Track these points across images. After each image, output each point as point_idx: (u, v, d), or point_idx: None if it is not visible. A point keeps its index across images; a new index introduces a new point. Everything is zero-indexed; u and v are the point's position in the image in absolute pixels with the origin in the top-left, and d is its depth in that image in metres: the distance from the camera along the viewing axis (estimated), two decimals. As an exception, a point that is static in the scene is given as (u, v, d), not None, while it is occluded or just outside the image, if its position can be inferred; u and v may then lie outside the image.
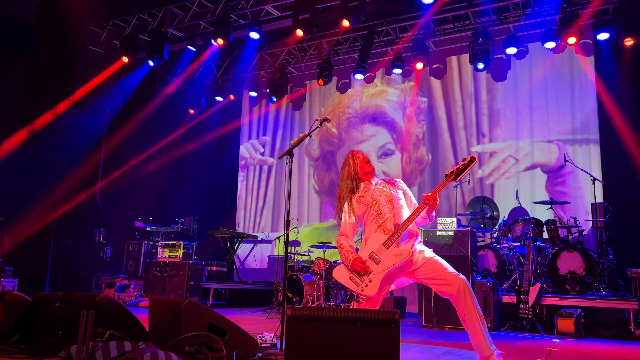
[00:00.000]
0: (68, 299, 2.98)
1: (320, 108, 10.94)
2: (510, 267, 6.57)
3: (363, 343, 2.49)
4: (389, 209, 3.39)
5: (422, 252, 3.31)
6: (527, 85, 8.91)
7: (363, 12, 7.86)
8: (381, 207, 3.41)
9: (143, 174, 10.32)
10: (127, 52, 9.39)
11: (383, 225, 3.33)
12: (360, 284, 3.20)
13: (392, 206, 3.39)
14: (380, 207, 3.41)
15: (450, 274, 3.17)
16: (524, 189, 8.52)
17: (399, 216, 3.33)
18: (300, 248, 9.51)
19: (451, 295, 3.18)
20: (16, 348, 2.99)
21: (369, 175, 3.58)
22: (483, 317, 3.17)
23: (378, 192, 3.49)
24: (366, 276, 3.20)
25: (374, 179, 3.59)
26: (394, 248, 3.21)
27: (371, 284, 3.18)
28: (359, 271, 3.21)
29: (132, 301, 7.87)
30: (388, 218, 3.35)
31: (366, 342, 2.49)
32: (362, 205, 3.44)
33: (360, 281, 3.21)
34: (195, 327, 2.86)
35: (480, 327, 3.12)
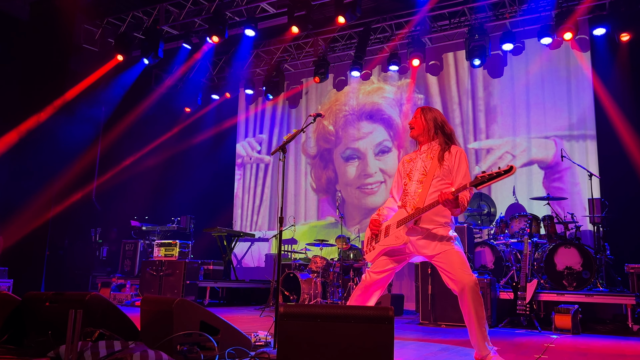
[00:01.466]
0: (58, 298, 2.94)
1: (316, 105, 10.90)
2: (508, 264, 6.54)
3: (357, 340, 2.45)
4: (417, 187, 3.19)
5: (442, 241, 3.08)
6: (523, 81, 8.88)
7: (359, 9, 7.83)
8: (410, 183, 3.24)
9: (139, 173, 10.26)
10: (122, 50, 9.33)
11: (405, 203, 3.23)
12: (368, 245, 3.34)
13: (421, 185, 3.16)
14: (410, 183, 3.24)
15: (459, 272, 3.02)
16: (521, 185, 8.50)
17: (423, 199, 3.12)
18: (297, 246, 9.48)
19: (455, 292, 3.10)
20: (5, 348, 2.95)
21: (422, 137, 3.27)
22: (484, 318, 3.05)
23: (421, 163, 3.25)
24: (374, 242, 3.29)
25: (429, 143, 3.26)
26: (401, 229, 3.16)
27: (373, 251, 3.28)
28: (371, 231, 3.33)
29: (128, 300, 7.83)
30: (412, 197, 3.18)
31: (360, 339, 2.45)
32: (399, 174, 3.37)
33: (369, 243, 3.34)
34: (187, 326, 2.83)
35: (477, 329, 3.03)
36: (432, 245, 3.11)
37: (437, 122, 3.27)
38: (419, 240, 3.14)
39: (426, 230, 3.12)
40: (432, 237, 3.11)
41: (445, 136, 3.24)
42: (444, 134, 3.25)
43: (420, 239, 3.14)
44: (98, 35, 9.75)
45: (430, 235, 3.12)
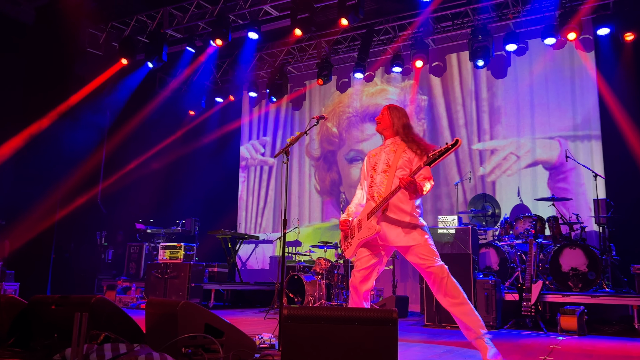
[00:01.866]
0: (63, 301, 2.96)
1: (320, 107, 10.92)
2: (512, 265, 6.53)
3: (361, 342, 2.46)
4: (382, 178, 3.43)
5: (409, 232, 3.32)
6: (527, 81, 8.86)
7: (361, 11, 7.84)
8: (375, 175, 3.48)
9: (144, 176, 10.30)
10: (126, 54, 9.38)
11: (372, 195, 3.46)
12: (344, 244, 3.54)
13: (385, 175, 3.40)
14: (375, 175, 3.48)
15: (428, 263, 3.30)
16: (525, 186, 8.48)
17: (388, 189, 3.36)
18: (301, 248, 9.49)
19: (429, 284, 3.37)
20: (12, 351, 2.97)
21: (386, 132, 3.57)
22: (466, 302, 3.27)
23: (385, 156, 3.51)
24: (350, 239, 3.49)
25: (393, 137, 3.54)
26: (372, 220, 3.36)
27: (350, 248, 3.47)
28: (342, 231, 3.55)
29: (133, 303, 7.86)
30: (378, 187, 3.42)
31: (364, 341, 2.46)
32: (366, 168, 3.59)
33: (345, 242, 3.54)
34: (192, 329, 2.84)
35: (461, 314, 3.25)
36: (400, 235, 3.33)
37: (401, 119, 3.56)
38: (388, 230, 3.36)
39: (394, 220, 3.35)
40: (400, 226, 3.34)
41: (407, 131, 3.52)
42: (406, 129, 3.53)
43: (389, 228, 3.36)
44: (102, 40, 9.81)
45: (398, 223, 3.34)
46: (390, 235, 3.36)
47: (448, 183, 9.16)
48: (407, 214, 3.35)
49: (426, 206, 9.34)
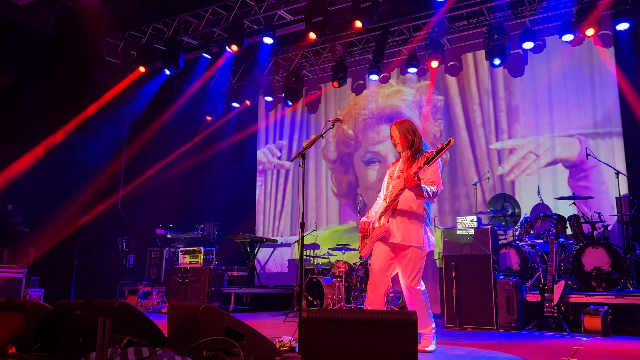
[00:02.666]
0: (87, 306, 3.01)
1: (335, 110, 10.93)
2: (534, 265, 6.44)
3: (380, 344, 2.46)
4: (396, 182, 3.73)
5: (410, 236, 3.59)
6: (545, 79, 8.75)
7: (375, 13, 7.84)
8: (391, 181, 3.80)
9: (163, 182, 10.44)
10: (144, 62, 9.52)
11: (386, 197, 3.80)
12: (361, 244, 3.83)
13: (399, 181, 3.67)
14: (391, 181, 3.80)
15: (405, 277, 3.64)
16: (545, 185, 8.37)
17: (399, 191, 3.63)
18: (319, 251, 9.50)
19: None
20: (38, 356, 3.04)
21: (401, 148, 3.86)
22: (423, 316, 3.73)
23: (401, 164, 3.82)
24: (366, 239, 3.78)
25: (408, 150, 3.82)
26: (382, 219, 3.66)
27: (366, 247, 3.75)
28: (360, 232, 3.84)
29: (154, 308, 7.95)
30: (392, 191, 3.74)
31: (384, 344, 2.45)
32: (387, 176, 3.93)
33: (363, 242, 3.82)
34: (213, 332, 2.87)
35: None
36: (403, 234, 3.60)
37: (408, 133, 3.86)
38: (395, 227, 3.63)
39: (401, 219, 3.62)
40: (405, 226, 3.61)
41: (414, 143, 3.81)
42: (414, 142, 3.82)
43: (395, 226, 3.63)
44: (120, 48, 9.96)
45: (404, 223, 3.61)
46: (394, 231, 3.64)
47: (466, 183, 9.08)
48: (413, 213, 3.62)
49: (444, 207, 9.29)
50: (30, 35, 9.24)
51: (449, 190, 9.27)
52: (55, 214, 8.44)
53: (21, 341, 3.19)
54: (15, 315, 3.20)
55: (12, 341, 3.24)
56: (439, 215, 9.28)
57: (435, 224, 8.85)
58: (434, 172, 3.64)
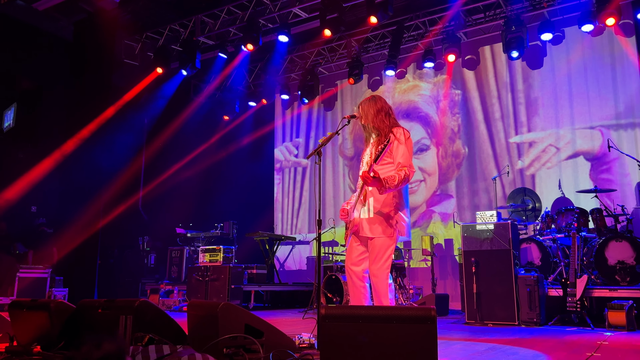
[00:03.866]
0: (109, 305, 3.06)
1: (352, 107, 10.90)
2: (555, 260, 6.34)
3: (399, 341, 2.44)
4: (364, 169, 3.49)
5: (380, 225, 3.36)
6: (565, 71, 8.61)
7: (390, 8, 7.79)
8: (362, 168, 3.53)
9: (182, 181, 10.55)
10: (161, 63, 9.62)
11: (357, 187, 3.54)
12: (346, 231, 3.58)
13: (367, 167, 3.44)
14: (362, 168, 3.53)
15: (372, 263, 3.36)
16: (566, 178, 8.24)
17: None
18: (338, 248, 9.49)
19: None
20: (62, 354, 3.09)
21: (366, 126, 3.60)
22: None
23: (370, 147, 3.57)
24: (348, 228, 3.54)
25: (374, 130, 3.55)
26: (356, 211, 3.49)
27: (347, 238, 3.54)
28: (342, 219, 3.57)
29: (176, 306, 8.04)
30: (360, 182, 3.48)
31: (403, 340, 2.44)
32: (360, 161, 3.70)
33: (346, 230, 3.58)
34: (232, 329, 2.89)
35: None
36: (372, 227, 3.38)
37: (370, 109, 3.54)
38: (365, 221, 3.42)
39: (371, 209, 3.41)
40: (375, 218, 3.37)
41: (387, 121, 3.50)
42: (376, 118, 3.50)
43: (366, 220, 3.42)
44: (138, 50, 10.08)
45: (373, 214, 3.38)
46: (363, 225, 3.44)
47: (485, 178, 8.99)
48: (383, 202, 3.38)
49: (463, 202, 9.20)
50: (50, 39, 9.40)
51: (467, 185, 9.18)
52: (78, 215, 8.59)
53: (46, 340, 3.26)
54: (39, 314, 3.26)
55: (37, 340, 3.31)
56: (457, 211, 9.20)
57: (454, 219, 8.77)
58: (403, 155, 3.35)
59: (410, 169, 3.33)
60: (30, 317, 3.34)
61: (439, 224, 9.43)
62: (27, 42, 9.05)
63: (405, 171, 3.28)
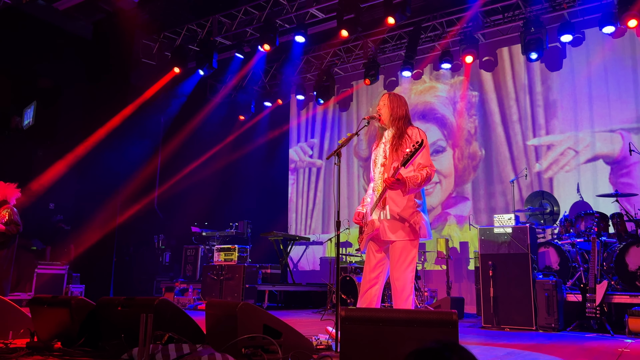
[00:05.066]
0: (129, 302, 3.08)
1: (367, 107, 10.87)
2: (574, 264, 6.26)
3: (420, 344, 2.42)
4: (380, 172, 3.45)
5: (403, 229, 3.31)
6: (585, 73, 8.49)
7: (408, 9, 7.76)
8: (376, 169, 3.50)
9: (198, 180, 10.60)
10: (178, 62, 9.68)
11: (374, 190, 3.49)
12: (360, 236, 3.55)
13: (383, 169, 3.41)
14: (375, 169, 3.50)
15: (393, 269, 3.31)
16: (585, 182, 8.13)
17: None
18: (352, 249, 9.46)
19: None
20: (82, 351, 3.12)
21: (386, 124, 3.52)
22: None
23: (383, 148, 3.51)
24: (363, 232, 3.50)
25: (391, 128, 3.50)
26: (373, 215, 3.42)
27: (362, 242, 3.51)
28: (356, 223, 3.56)
29: (190, 304, 8.08)
30: (377, 182, 3.45)
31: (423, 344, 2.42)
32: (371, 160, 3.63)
33: (360, 235, 3.55)
34: (251, 329, 2.89)
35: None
36: (394, 231, 3.33)
37: (400, 109, 3.49)
38: (386, 225, 3.37)
39: (392, 214, 3.36)
40: (397, 222, 3.34)
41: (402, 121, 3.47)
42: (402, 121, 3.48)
43: (387, 223, 3.37)
44: (156, 49, 10.16)
45: (395, 219, 3.35)
46: (384, 229, 3.39)
47: (502, 180, 8.90)
48: (404, 204, 3.35)
49: (480, 205, 9.12)
50: (70, 38, 9.51)
51: (484, 188, 9.10)
52: (95, 212, 8.69)
53: (66, 336, 3.29)
54: (60, 310, 3.30)
55: (57, 336, 3.35)
56: (474, 214, 9.12)
57: (470, 222, 8.70)
58: (423, 155, 3.34)
59: (431, 168, 3.35)
60: (51, 313, 3.37)
61: (455, 227, 9.36)
62: (47, 41, 9.17)
63: (427, 170, 3.31)
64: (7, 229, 5.34)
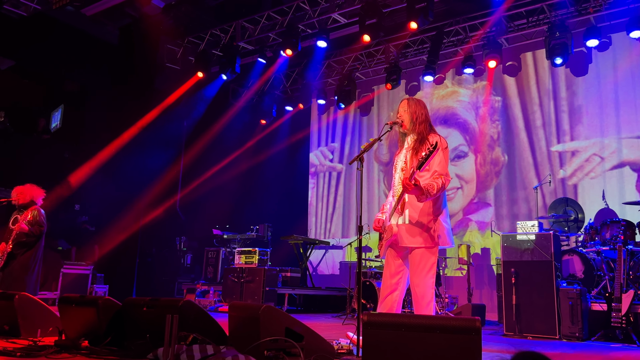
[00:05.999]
0: (154, 303, 3.14)
1: (388, 112, 10.85)
2: (599, 273, 6.14)
3: (442, 351, 2.42)
4: (399, 177, 3.46)
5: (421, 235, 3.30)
6: (611, 78, 8.35)
7: (431, 13, 7.74)
8: (395, 174, 3.51)
9: (220, 184, 10.72)
10: (202, 67, 9.81)
11: (393, 195, 3.50)
12: (379, 242, 3.52)
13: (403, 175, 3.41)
14: (395, 174, 3.51)
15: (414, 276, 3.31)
16: (611, 189, 7.98)
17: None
18: (371, 254, 9.45)
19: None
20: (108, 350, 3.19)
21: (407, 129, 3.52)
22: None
23: (404, 153, 3.52)
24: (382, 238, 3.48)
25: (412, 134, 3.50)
26: (392, 221, 3.43)
27: (382, 249, 3.49)
28: (375, 230, 3.56)
29: (211, 306, 8.16)
30: (396, 187, 3.45)
31: (446, 350, 2.42)
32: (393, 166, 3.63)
33: (380, 241, 3.52)
34: (273, 332, 2.92)
35: None
36: (412, 237, 3.33)
37: (420, 115, 3.49)
38: (404, 229, 3.37)
39: (410, 218, 3.36)
40: (415, 227, 3.33)
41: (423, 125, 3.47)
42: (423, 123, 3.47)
43: (405, 229, 3.36)
44: (180, 54, 10.31)
45: (413, 224, 3.34)
46: (402, 234, 3.38)
47: (526, 187, 8.79)
48: (423, 211, 3.35)
49: (502, 211, 9.03)
50: (97, 43, 9.73)
51: (507, 194, 9.00)
52: (119, 214, 8.85)
53: (93, 335, 3.36)
54: (88, 310, 3.37)
55: (85, 335, 3.42)
56: (496, 220, 9.03)
57: (492, 228, 8.61)
58: (440, 164, 3.34)
59: (447, 178, 3.34)
60: (78, 312, 3.45)
61: (476, 233, 9.27)
62: (74, 46, 9.39)
63: (442, 179, 3.30)
64: (30, 230, 5.43)
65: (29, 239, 5.43)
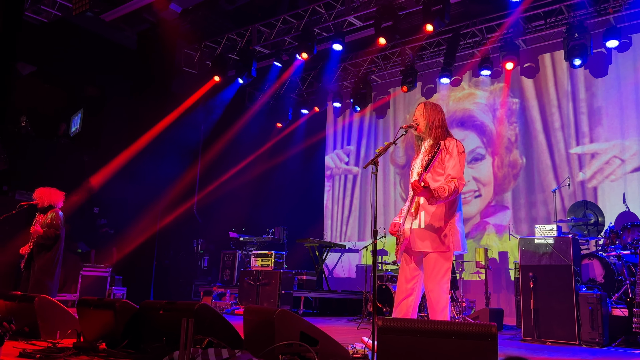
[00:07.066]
0: (170, 307, 3.16)
1: (404, 115, 10.81)
2: (620, 278, 6.03)
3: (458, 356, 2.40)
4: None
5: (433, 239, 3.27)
6: (631, 79, 8.20)
7: (447, 15, 7.68)
8: (412, 178, 3.46)
9: (236, 187, 10.78)
10: (219, 71, 9.89)
11: (408, 198, 3.45)
12: (396, 247, 3.46)
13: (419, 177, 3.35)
14: (411, 178, 3.47)
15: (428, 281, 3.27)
16: (632, 192, 7.83)
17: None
18: (387, 257, 9.41)
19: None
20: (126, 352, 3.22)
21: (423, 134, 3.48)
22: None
23: (421, 157, 3.49)
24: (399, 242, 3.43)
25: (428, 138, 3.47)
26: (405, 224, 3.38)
27: (398, 252, 3.44)
28: (391, 234, 3.49)
29: (228, 309, 8.19)
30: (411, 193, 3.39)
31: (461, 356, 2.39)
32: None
33: (397, 245, 3.45)
34: (288, 336, 2.91)
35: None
36: (425, 242, 3.30)
37: (436, 119, 3.44)
38: (417, 235, 3.34)
39: (424, 222, 3.33)
40: (428, 232, 3.30)
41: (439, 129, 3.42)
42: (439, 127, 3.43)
43: (418, 233, 3.34)
44: (197, 58, 10.42)
45: (426, 228, 3.31)
46: (415, 239, 3.35)
47: (544, 189, 8.68)
48: (436, 215, 3.32)
49: (520, 214, 8.92)
50: (115, 48, 9.88)
51: (525, 197, 8.89)
52: (137, 217, 8.94)
53: (110, 337, 3.40)
54: (105, 312, 3.42)
55: (102, 337, 3.47)
56: (514, 223, 8.92)
57: (510, 231, 8.51)
58: (454, 167, 3.29)
59: (460, 182, 3.29)
60: (96, 315, 3.50)
61: (494, 236, 9.18)
62: (94, 51, 9.55)
63: (455, 183, 3.25)
64: (45, 232, 5.50)
65: (46, 241, 5.51)
